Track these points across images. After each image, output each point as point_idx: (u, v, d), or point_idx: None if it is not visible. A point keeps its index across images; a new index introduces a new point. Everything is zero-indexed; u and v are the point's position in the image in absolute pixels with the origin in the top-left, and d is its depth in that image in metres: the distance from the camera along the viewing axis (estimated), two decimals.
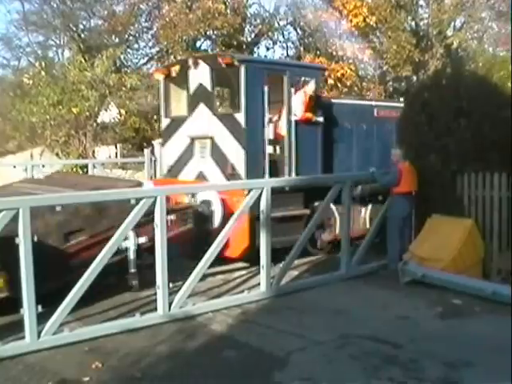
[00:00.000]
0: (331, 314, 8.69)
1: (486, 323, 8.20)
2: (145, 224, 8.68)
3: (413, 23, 27.38)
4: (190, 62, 12.29)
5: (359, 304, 9.14)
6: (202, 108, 12.04)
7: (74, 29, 28.47)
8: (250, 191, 9.21)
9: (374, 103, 14.45)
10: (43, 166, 18.94)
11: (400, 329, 8.04)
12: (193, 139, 12.22)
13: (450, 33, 27.11)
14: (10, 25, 31.70)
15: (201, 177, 11.97)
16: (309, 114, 11.85)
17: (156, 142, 18.17)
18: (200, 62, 12.12)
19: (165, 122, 13.24)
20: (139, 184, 10.09)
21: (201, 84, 12.00)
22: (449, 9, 25.76)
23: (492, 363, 6.71)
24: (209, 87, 11.92)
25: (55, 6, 29.29)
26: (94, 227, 8.97)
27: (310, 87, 11.94)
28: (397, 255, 10.64)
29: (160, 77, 13.04)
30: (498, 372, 6.47)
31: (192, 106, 12.25)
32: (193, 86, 12.19)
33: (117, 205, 8.89)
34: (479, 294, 9.13)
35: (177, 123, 12.69)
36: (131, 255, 9.18)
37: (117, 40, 27.53)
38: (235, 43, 24.86)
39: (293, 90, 11.80)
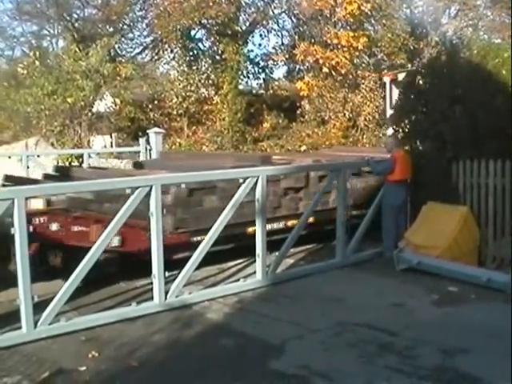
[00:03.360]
0: (327, 301, 8.71)
1: (482, 310, 8.23)
2: None
3: (408, 11, 27.35)
4: None
5: (355, 292, 9.16)
6: None
7: (68, 18, 28.36)
8: (245, 179, 9.20)
9: None
10: (38, 156, 18.92)
11: (396, 316, 8.06)
12: None
13: (444, 20, 27.10)
14: (4, 14, 31.45)
15: None
16: None
17: (151, 131, 18.15)
18: None
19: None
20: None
21: None
22: None
23: (487, 350, 6.75)
24: None
25: None
26: None
27: None
28: (392, 243, 10.66)
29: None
30: (493, 358, 6.50)
31: None
32: None
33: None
34: (475, 281, 9.16)
35: None
36: None
37: (111, 29, 27.44)
38: (230, 32, 24.79)
39: None
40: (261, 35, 27.42)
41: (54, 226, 8.74)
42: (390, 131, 12.03)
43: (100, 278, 8.75)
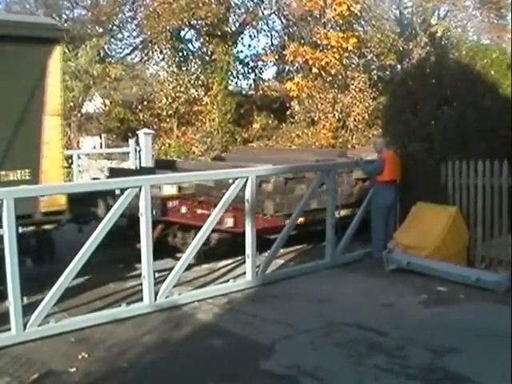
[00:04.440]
0: (317, 302, 8.73)
1: (471, 310, 8.28)
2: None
3: (397, 12, 27.44)
4: None
5: (344, 292, 9.19)
6: None
7: (57, 19, 28.27)
8: (234, 180, 9.21)
9: None
10: None
11: (385, 316, 8.09)
12: None
13: (434, 21, 27.16)
14: None
15: None
16: None
17: (141, 132, 18.13)
18: None
19: None
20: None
21: None
22: None
23: (476, 349, 6.78)
24: None
25: None
26: None
27: None
28: (381, 243, 10.69)
29: None
30: (482, 358, 6.53)
31: None
32: None
33: None
34: (464, 281, 9.20)
35: None
36: None
37: (101, 30, 27.35)
38: (219, 33, 24.79)
39: None
40: (250, 36, 27.43)
41: (183, 209, 10.49)
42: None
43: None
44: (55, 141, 8.85)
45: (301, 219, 10.71)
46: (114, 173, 13.35)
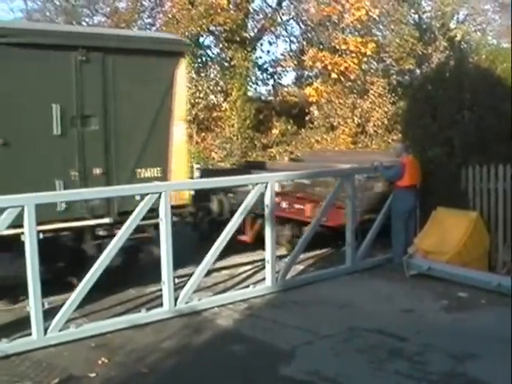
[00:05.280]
0: (337, 307, 8.70)
1: (492, 316, 8.21)
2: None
3: (416, 16, 27.31)
4: None
5: (365, 297, 9.16)
6: None
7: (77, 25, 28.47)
8: (254, 185, 9.22)
9: None
10: None
11: (406, 322, 8.05)
12: None
13: (453, 25, 27.01)
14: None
15: None
16: None
17: None
18: None
19: None
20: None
21: None
22: (452, 1, 25.68)
23: (497, 355, 6.72)
24: None
25: (58, 3, 29.23)
26: None
27: None
28: (402, 248, 10.63)
29: None
30: (503, 364, 6.46)
31: None
32: None
33: None
34: (485, 286, 9.14)
35: None
36: None
37: None
38: (238, 39, 24.83)
39: None
40: (269, 41, 27.37)
41: (284, 204, 11.54)
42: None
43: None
44: (181, 143, 10.07)
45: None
46: (209, 172, 13.81)
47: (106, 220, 9.13)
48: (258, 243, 10.79)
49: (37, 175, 8.51)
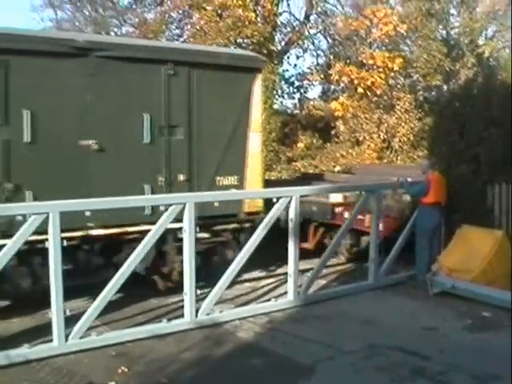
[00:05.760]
0: (359, 323, 8.63)
1: None
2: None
3: (444, 32, 27.21)
4: None
5: (387, 314, 9.08)
6: None
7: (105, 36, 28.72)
8: (278, 199, 9.20)
9: None
10: None
11: (428, 340, 7.96)
12: None
13: (481, 42, 26.88)
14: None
15: None
16: None
17: None
18: None
19: None
20: None
21: None
22: (480, 17, 25.56)
23: None
24: None
25: (87, 13, 29.59)
26: None
27: None
28: (425, 266, 10.54)
29: None
30: None
31: None
32: None
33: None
34: (509, 306, 9.00)
35: None
36: None
37: None
38: (265, 51, 24.89)
39: None
40: (296, 55, 27.41)
41: (346, 214, 11.57)
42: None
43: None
44: (256, 153, 10.70)
45: None
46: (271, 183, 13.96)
47: None
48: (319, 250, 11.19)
49: (127, 180, 9.16)
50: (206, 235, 9.96)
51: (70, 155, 8.80)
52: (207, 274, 9.32)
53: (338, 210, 11.91)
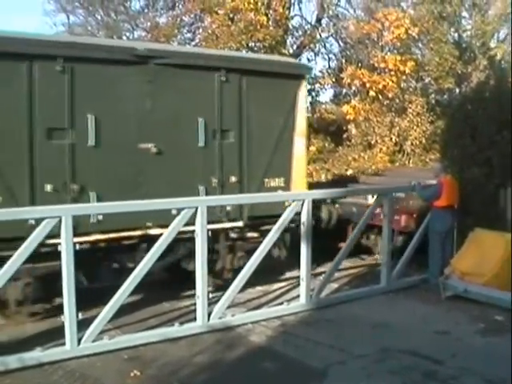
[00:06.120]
0: (371, 327, 8.62)
1: None
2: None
3: (456, 35, 27.14)
4: None
5: (399, 318, 9.06)
6: None
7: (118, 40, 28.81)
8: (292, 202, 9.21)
9: None
10: None
11: (441, 344, 7.94)
12: None
13: (493, 44, 26.78)
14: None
15: None
16: None
17: None
18: None
19: None
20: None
21: None
22: (492, 20, 25.49)
23: None
24: None
25: (99, 17, 29.74)
26: None
27: None
28: (438, 269, 10.51)
29: None
30: None
31: None
32: None
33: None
34: None
35: None
36: None
37: None
38: (277, 55, 24.91)
39: None
40: (308, 58, 27.38)
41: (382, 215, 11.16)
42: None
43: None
44: (301, 156, 11.19)
45: None
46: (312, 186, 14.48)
47: (239, 223, 10.25)
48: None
49: (183, 181, 9.62)
50: (255, 234, 10.45)
51: (130, 158, 9.22)
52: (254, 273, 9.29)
53: (376, 211, 11.89)
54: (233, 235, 10.35)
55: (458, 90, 25.66)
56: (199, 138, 9.84)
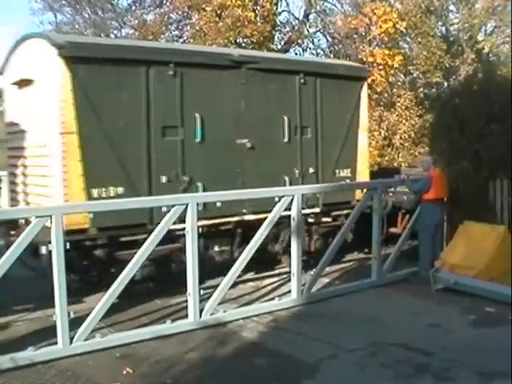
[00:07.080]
0: (362, 321, 8.65)
1: None
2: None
3: (443, 28, 27.17)
4: None
5: (390, 311, 9.09)
6: None
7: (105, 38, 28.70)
8: (280, 198, 9.21)
9: None
10: None
11: (432, 337, 7.97)
12: None
13: (480, 37, 26.83)
14: None
15: None
16: None
17: None
18: None
19: None
20: None
21: None
22: (479, 13, 25.53)
23: None
24: None
25: (87, 16, 29.58)
26: None
27: None
28: (428, 262, 10.55)
29: None
30: None
31: None
32: None
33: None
34: None
35: None
36: None
37: None
38: (265, 51, 24.89)
39: None
40: (296, 54, 27.35)
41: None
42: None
43: None
44: (364, 149, 12.56)
45: None
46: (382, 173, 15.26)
47: (317, 209, 11.50)
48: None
49: (272, 172, 10.90)
50: (328, 219, 11.82)
51: (229, 152, 10.48)
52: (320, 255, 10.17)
53: None
54: (310, 220, 11.52)
55: (446, 84, 25.70)
56: (284, 134, 11.11)
